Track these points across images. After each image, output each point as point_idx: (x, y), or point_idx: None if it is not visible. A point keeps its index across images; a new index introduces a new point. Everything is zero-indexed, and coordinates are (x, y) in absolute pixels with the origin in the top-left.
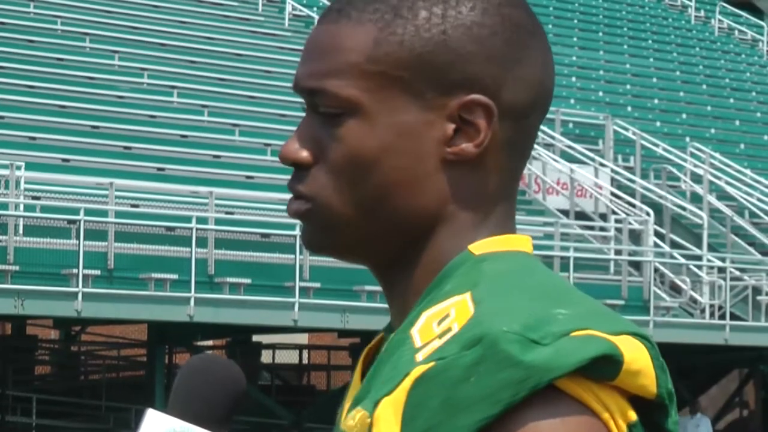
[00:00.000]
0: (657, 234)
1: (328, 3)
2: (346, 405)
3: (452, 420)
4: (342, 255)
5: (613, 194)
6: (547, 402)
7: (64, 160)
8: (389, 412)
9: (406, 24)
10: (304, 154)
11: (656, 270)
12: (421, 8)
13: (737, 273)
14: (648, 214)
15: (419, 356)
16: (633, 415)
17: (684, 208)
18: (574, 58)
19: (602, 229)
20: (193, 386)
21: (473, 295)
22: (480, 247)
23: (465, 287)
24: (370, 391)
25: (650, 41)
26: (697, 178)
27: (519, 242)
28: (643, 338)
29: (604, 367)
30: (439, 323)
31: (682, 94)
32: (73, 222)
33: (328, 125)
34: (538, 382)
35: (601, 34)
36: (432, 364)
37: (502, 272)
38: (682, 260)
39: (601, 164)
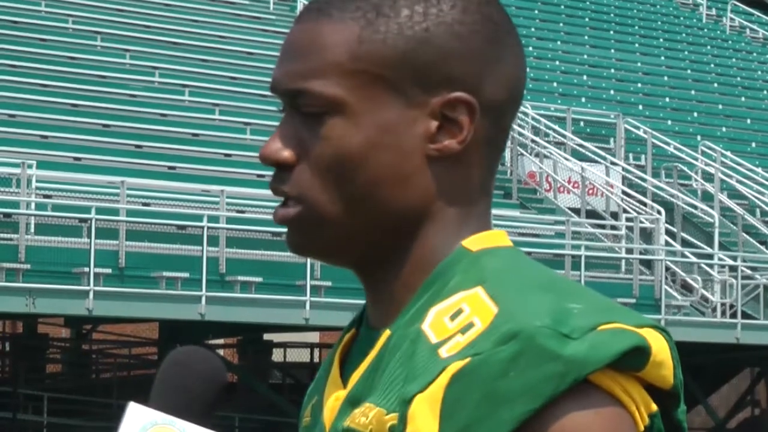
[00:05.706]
0: (668, 232)
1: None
2: (329, 400)
3: (494, 414)
4: (328, 255)
5: (624, 193)
6: (582, 394)
7: (75, 158)
8: (425, 408)
9: (389, 22)
10: (287, 153)
11: (667, 268)
12: (402, 6)
13: (749, 271)
14: (659, 212)
15: (443, 352)
16: (653, 405)
17: (695, 207)
18: (585, 57)
19: (613, 227)
20: (177, 379)
21: (487, 290)
22: (474, 243)
23: (471, 283)
24: (375, 388)
25: (661, 39)
26: (708, 177)
27: (504, 238)
28: (661, 330)
29: (633, 359)
30: (451, 318)
31: (693, 92)
32: (85, 221)
33: (311, 124)
34: (578, 375)
35: (612, 32)
36: (468, 360)
37: (504, 268)
38: (694, 259)
39: (613, 163)
